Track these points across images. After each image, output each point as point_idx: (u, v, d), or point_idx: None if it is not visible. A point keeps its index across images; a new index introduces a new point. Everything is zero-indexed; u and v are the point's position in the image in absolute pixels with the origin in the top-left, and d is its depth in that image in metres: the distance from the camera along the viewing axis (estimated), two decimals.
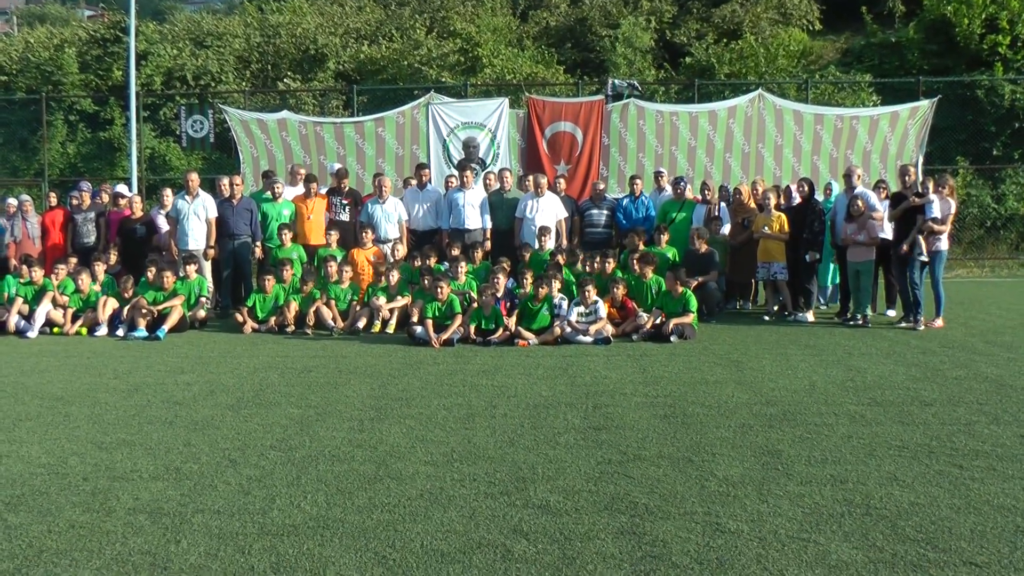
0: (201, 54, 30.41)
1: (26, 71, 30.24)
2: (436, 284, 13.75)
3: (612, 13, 31.95)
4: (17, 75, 30.37)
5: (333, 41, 31.28)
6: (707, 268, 15.34)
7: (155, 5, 50.50)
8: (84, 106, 29.22)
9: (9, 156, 29.16)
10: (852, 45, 31.45)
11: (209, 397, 9.81)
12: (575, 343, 13.02)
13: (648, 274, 14.41)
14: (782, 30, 30.64)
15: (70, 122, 29.16)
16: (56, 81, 29.60)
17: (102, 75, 30.06)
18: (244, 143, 20.88)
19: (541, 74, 28.25)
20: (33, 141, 28.81)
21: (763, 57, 28.12)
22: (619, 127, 19.86)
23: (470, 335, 13.43)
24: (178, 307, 14.87)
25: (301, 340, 13.97)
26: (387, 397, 9.67)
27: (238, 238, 16.40)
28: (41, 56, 30.33)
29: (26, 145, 29.24)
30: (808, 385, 9.98)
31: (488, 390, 9.96)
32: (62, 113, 29.10)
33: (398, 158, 20.36)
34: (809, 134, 19.65)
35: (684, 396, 9.47)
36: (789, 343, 12.90)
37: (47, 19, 56.72)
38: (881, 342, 12.88)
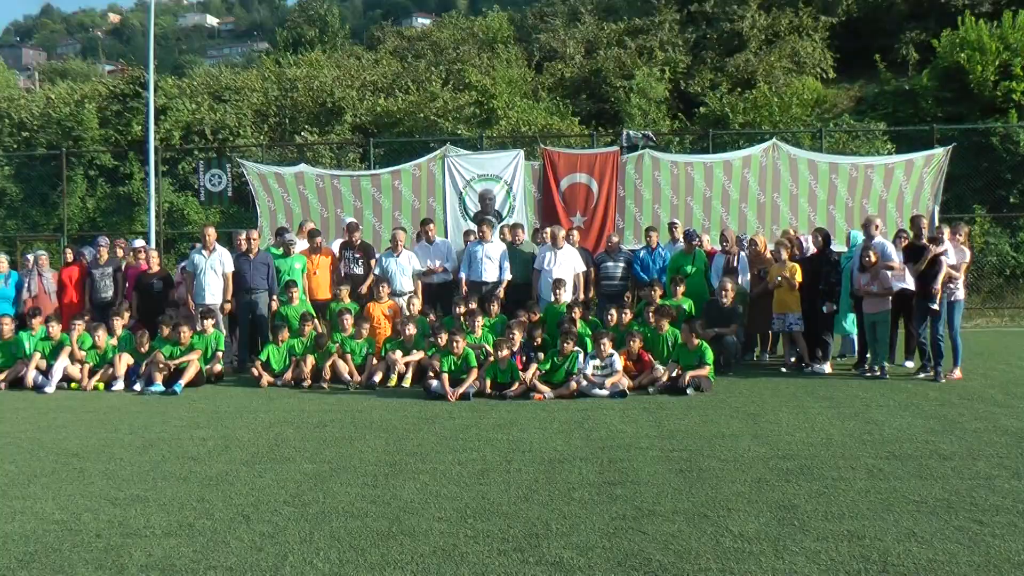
0: (219, 108, 30.74)
1: (47, 127, 30.61)
2: (452, 338, 13.76)
3: (626, 64, 32.21)
4: (38, 131, 30.75)
5: (350, 94, 31.60)
6: (728, 320, 15.30)
7: (174, 60, 51.27)
8: (104, 161, 29.53)
9: (29, 211, 29.44)
10: (866, 93, 31.59)
11: (224, 452, 9.80)
12: (591, 396, 12.96)
13: (664, 327, 14.38)
14: (796, 79, 30.79)
15: (90, 177, 29.45)
16: (76, 136, 29.93)
17: (121, 130, 30.39)
18: (262, 196, 21.01)
19: (556, 126, 28.39)
20: (53, 196, 29.10)
21: (777, 106, 28.25)
22: (634, 178, 19.91)
23: (486, 389, 13.40)
24: (195, 362, 14.92)
25: (317, 394, 13.98)
26: (402, 452, 9.64)
27: (255, 292, 16.44)
28: (62, 112, 30.69)
29: (46, 200, 29.53)
30: (825, 438, 9.90)
31: (503, 444, 9.92)
32: (82, 168, 29.40)
33: (414, 210, 20.44)
34: (824, 183, 19.66)
35: (700, 450, 9.40)
36: (806, 395, 12.83)
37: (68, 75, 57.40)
38: (899, 394, 12.79)
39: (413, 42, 41.51)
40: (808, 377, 14.63)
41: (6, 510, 7.67)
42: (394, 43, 42.28)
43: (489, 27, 39.84)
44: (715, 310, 15.40)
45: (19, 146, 30.72)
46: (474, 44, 37.80)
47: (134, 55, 56.30)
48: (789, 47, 32.42)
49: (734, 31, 33.39)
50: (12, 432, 11.31)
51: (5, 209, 29.63)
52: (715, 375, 13.83)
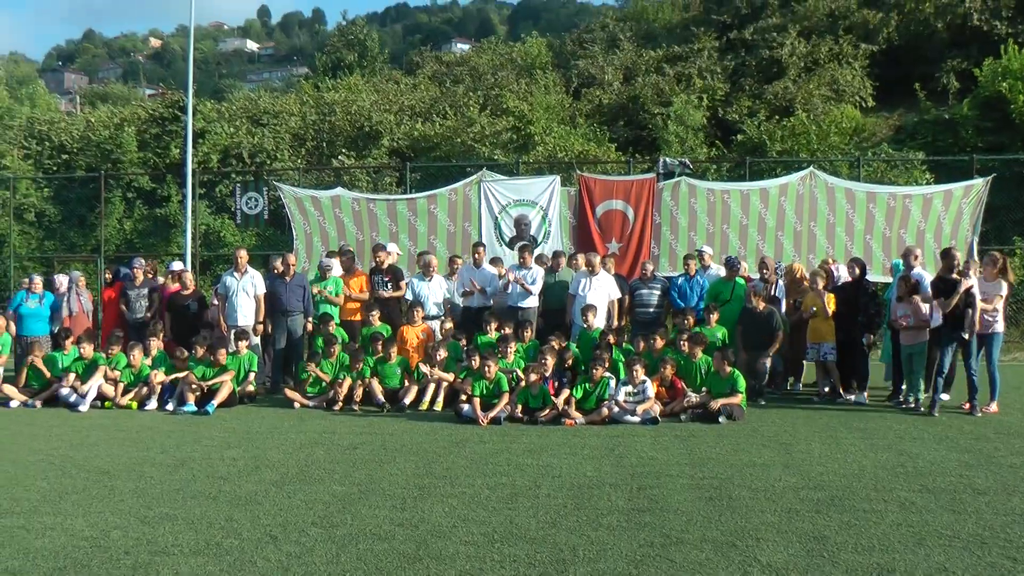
0: (257, 132, 31.01)
1: (86, 149, 31.01)
2: (484, 363, 13.80)
3: (664, 91, 32.24)
4: (78, 153, 31.14)
5: (388, 118, 31.78)
6: (769, 328, 15.14)
7: (214, 84, 51.80)
8: (142, 183, 29.85)
9: (67, 232, 29.76)
10: (905, 122, 31.43)
11: (254, 472, 9.86)
12: (622, 423, 12.93)
13: (697, 354, 14.35)
14: (834, 107, 30.68)
15: (127, 199, 29.77)
16: (115, 159, 30.30)
17: (160, 153, 30.72)
18: (298, 220, 21.16)
19: (593, 152, 28.43)
20: (91, 218, 29.42)
21: (815, 134, 28.16)
22: (670, 205, 19.90)
23: (517, 413, 13.41)
24: (228, 383, 15.01)
25: (348, 416, 14.03)
26: (431, 475, 9.66)
27: (291, 315, 16.59)
28: (101, 135, 31.07)
29: (84, 222, 29.86)
30: (857, 469, 9.84)
31: (533, 469, 9.92)
32: (120, 190, 29.73)
33: (450, 235, 20.52)
34: (862, 213, 19.56)
35: (730, 478, 9.37)
36: (839, 425, 12.74)
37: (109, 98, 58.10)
38: (934, 426, 12.68)
39: (452, 67, 41.76)
40: (841, 407, 14.53)
41: (37, 526, 7.75)
42: (433, 68, 42.56)
43: (527, 53, 40.02)
44: (749, 317, 15.32)
45: (59, 168, 31.10)
46: (512, 70, 37.97)
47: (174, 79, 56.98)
48: (828, 75, 32.33)
49: (773, 58, 33.36)
50: (45, 449, 11.43)
51: (44, 230, 29.98)
52: (747, 402, 13.77)
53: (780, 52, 33.22)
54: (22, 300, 17.31)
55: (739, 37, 34.93)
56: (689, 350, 14.46)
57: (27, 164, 31.05)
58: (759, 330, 15.16)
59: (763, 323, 15.19)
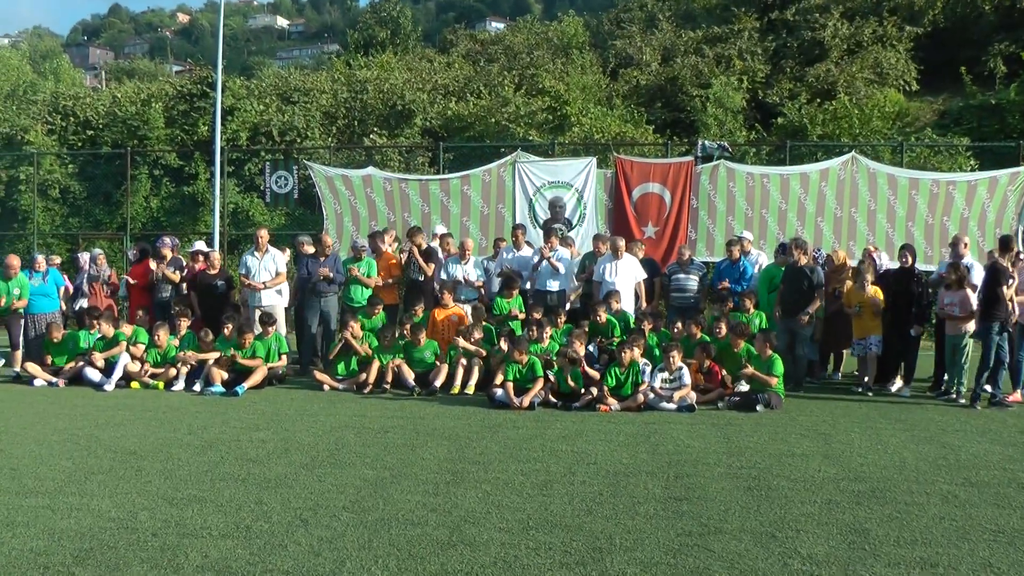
0: (288, 110, 31.04)
1: (112, 125, 31.10)
2: (515, 349, 13.80)
3: (703, 73, 32.09)
4: (104, 129, 31.25)
5: (420, 97, 31.75)
6: (808, 283, 14.97)
7: (243, 61, 51.81)
8: (169, 161, 29.91)
9: (93, 209, 29.91)
10: (950, 107, 31.18)
11: (283, 455, 9.90)
12: (658, 410, 12.91)
13: (739, 344, 14.27)
14: (877, 90, 30.49)
15: (154, 176, 29.85)
16: (142, 136, 30.38)
17: (188, 130, 30.81)
18: (328, 199, 21.24)
19: (630, 134, 28.37)
20: (117, 195, 29.56)
21: (857, 118, 27.98)
22: (708, 189, 19.86)
23: (551, 399, 13.40)
24: (261, 368, 15.07)
25: (379, 400, 14.06)
26: (464, 460, 9.68)
27: (323, 296, 16.56)
28: (128, 111, 31.16)
29: (110, 199, 29.99)
30: (899, 461, 9.78)
31: (567, 456, 9.93)
32: (147, 167, 29.82)
33: (483, 217, 20.54)
34: (904, 199, 19.46)
35: (769, 468, 9.34)
36: (879, 417, 12.67)
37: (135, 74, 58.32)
38: (977, 419, 12.60)
39: (486, 46, 41.70)
40: (882, 398, 14.44)
41: (63, 506, 7.81)
42: (467, 47, 42.52)
43: (564, 32, 39.91)
44: (790, 274, 15.19)
45: (84, 144, 31.20)
46: (548, 49, 37.88)
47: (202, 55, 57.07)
48: (872, 57, 32.12)
49: (815, 40, 33.16)
50: (70, 429, 11.52)
51: (68, 207, 30.13)
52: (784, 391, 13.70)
53: (822, 33, 33.01)
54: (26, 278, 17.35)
55: (780, 18, 34.70)
56: (731, 342, 14.39)
57: (51, 140, 31.15)
58: (797, 285, 14.99)
59: (803, 278, 15.01)
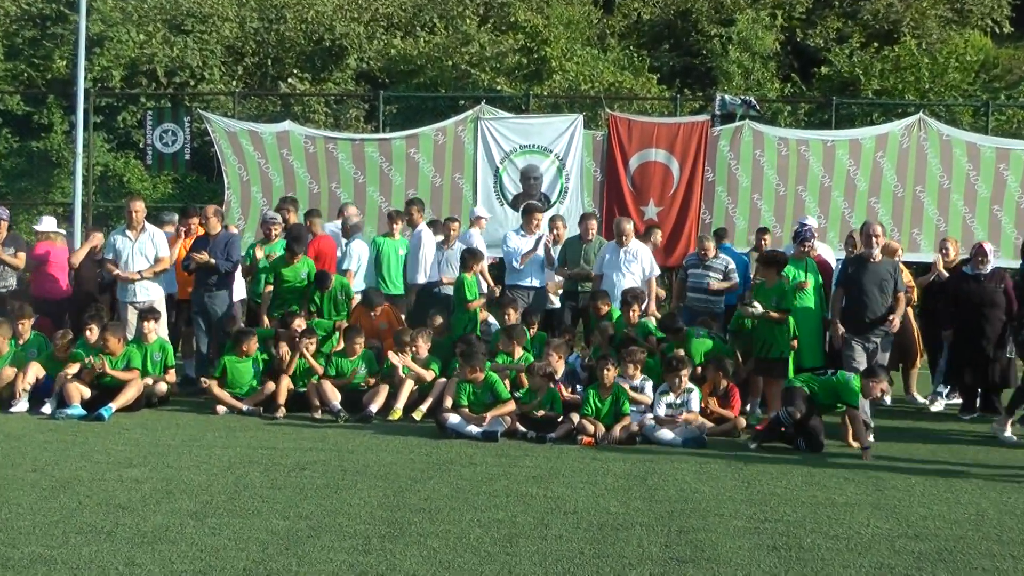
0: (178, 42, 30.61)
1: None
2: (467, 365, 13.73)
3: (725, 5, 31.96)
4: None
5: (355, 30, 31.50)
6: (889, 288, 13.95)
7: None
8: (11, 105, 29.07)
9: None
10: None
11: (165, 500, 9.84)
12: (658, 443, 12.96)
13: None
14: (956, 33, 30.55)
15: None
16: None
17: (38, 65, 30.10)
18: (231, 163, 21.11)
19: (628, 84, 28.32)
20: None
21: (927, 69, 27.99)
22: (728, 158, 19.90)
23: (519, 428, 13.40)
24: (137, 381, 14.83)
25: (295, 427, 13.99)
26: (404, 507, 9.69)
27: (213, 288, 16.25)
28: None
29: None
30: (974, 514, 9.85)
31: (539, 502, 9.96)
32: None
33: (434, 189, 20.47)
34: (988, 175, 19.53)
35: (801, 521, 9.39)
36: (948, 454, 12.77)
37: None
38: None
39: None
40: (956, 433, 14.49)
41: None
42: None
43: None
44: (857, 272, 14.10)
45: None
46: None
47: None
48: None
49: None
50: None
51: None
52: None
53: None
54: None
55: None
56: None
57: None
58: (871, 292, 13.92)
59: (882, 280, 13.93)
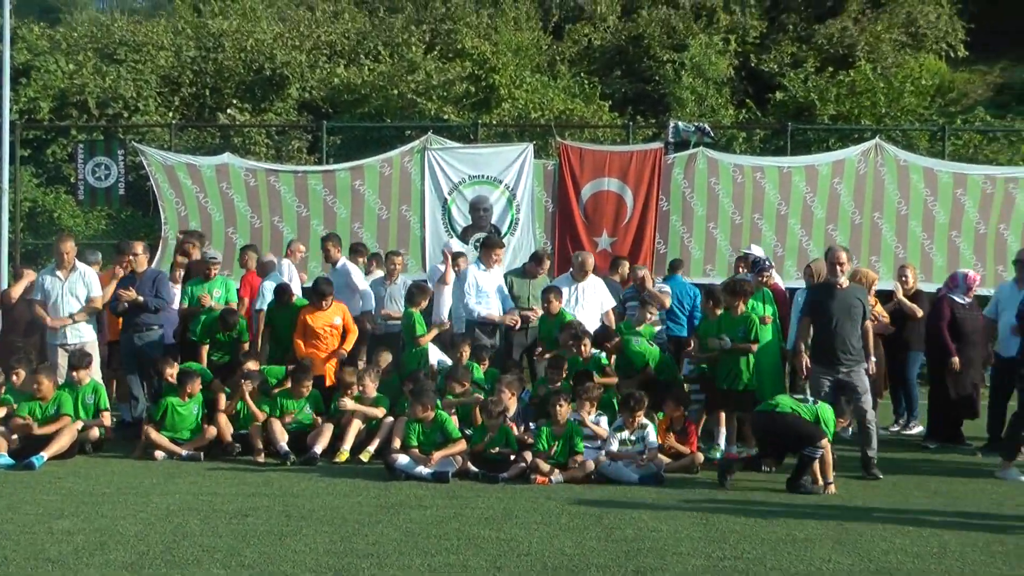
0: (110, 72, 30.45)
1: None
2: (417, 403, 13.67)
3: (677, 30, 32.20)
4: None
5: (297, 59, 31.48)
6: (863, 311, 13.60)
7: (43, 0, 50.08)
8: None
9: None
10: (1011, 79, 31.60)
11: (98, 552, 9.72)
12: (615, 481, 12.97)
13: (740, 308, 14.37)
14: (911, 57, 30.83)
15: None
16: None
17: None
18: (168, 197, 21.04)
19: (579, 112, 28.42)
20: None
21: (883, 93, 28.23)
22: (683, 186, 20.00)
23: (471, 468, 13.36)
24: (70, 428, 14.60)
25: (237, 472, 13.89)
26: (352, 553, 9.65)
27: (140, 330, 16.08)
28: None
29: None
30: (937, 547, 9.91)
31: (492, 545, 9.95)
32: None
33: (381, 221, 20.47)
34: (946, 200, 19.70)
35: (761, 559, 9.42)
36: (913, 487, 12.83)
37: None
38: None
39: None
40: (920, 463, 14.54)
41: None
42: None
43: None
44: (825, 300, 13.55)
45: None
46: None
47: None
48: (904, 12, 32.48)
49: None
50: None
51: None
52: None
53: None
54: None
55: None
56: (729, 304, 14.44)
57: None
58: (840, 321, 13.38)
59: (850, 307, 13.42)
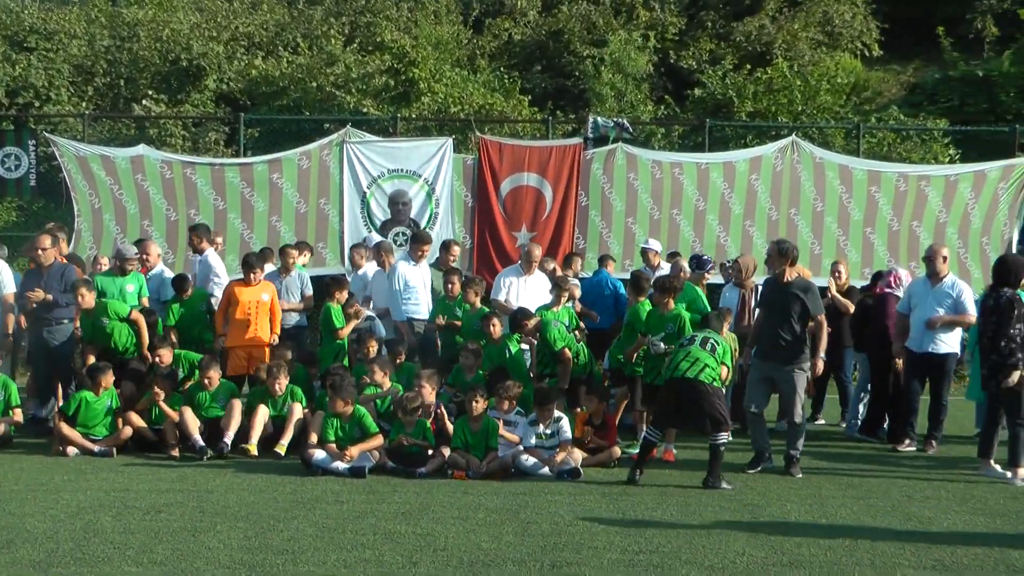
0: (20, 60, 30.14)
1: None
2: (336, 397, 13.58)
3: (597, 26, 32.17)
4: None
5: (214, 50, 31.23)
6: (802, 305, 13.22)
7: None
8: None
9: None
10: (923, 79, 31.84)
11: (5, 550, 9.60)
12: (531, 475, 12.98)
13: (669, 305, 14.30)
14: (827, 55, 31.02)
15: None
16: None
17: None
18: (81, 189, 20.84)
19: (499, 106, 28.38)
20: None
21: (800, 91, 28.34)
22: (602, 181, 20.05)
23: (387, 462, 13.32)
24: None
25: (151, 467, 13.73)
26: (267, 549, 9.60)
27: (49, 324, 15.75)
28: None
29: None
30: (849, 540, 9.98)
31: (408, 539, 9.92)
32: None
33: (299, 216, 20.40)
34: (861, 198, 19.88)
35: (676, 552, 9.44)
36: (826, 481, 12.93)
37: None
38: (953, 482, 12.93)
39: None
40: (826, 459, 14.60)
41: None
42: None
43: None
44: (772, 295, 13.53)
45: None
46: None
47: None
48: (820, 11, 32.66)
49: None
50: None
51: None
52: None
53: None
54: None
55: None
56: None
57: None
58: (784, 313, 13.30)
59: (792, 301, 13.21)
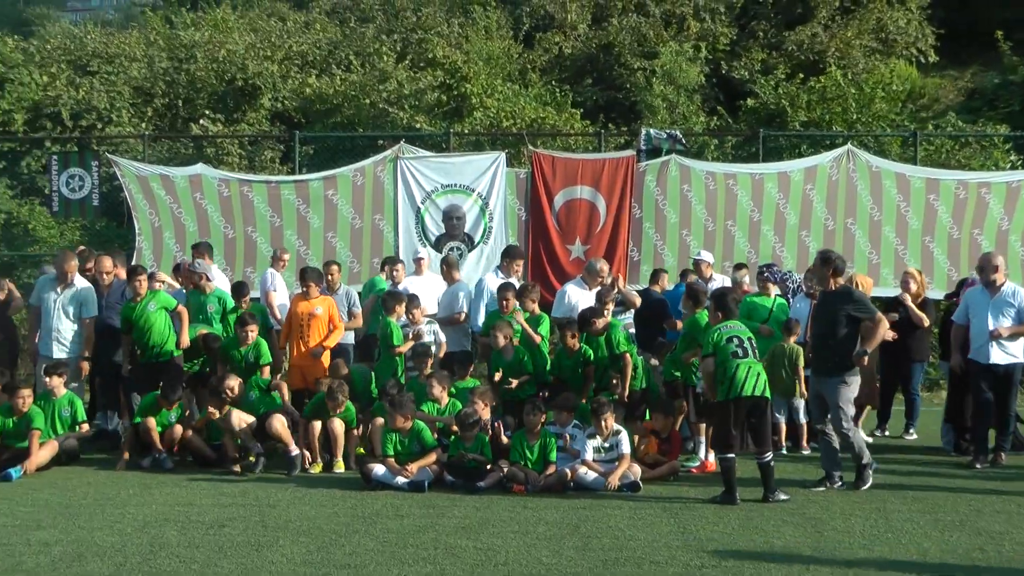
0: (84, 83, 30.36)
1: None
2: (395, 413, 13.63)
3: (648, 38, 32.11)
4: None
5: (269, 69, 31.40)
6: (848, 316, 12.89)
7: (18, 13, 49.56)
8: None
9: None
10: (981, 84, 31.59)
11: (76, 563, 9.70)
12: (591, 489, 12.94)
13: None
14: (881, 63, 30.82)
15: None
16: None
17: None
18: (142, 208, 20.94)
19: (551, 120, 28.35)
20: None
21: (854, 100, 28.20)
22: (655, 193, 19.99)
23: (447, 477, 13.34)
24: (50, 443, 14.54)
25: (213, 482, 13.81)
26: (329, 563, 9.63)
27: (109, 339, 16.15)
28: None
29: None
30: (917, 554, 9.91)
31: (469, 554, 9.93)
32: None
33: (354, 231, 20.42)
34: (919, 206, 19.72)
35: (739, 568, 9.40)
36: (890, 495, 12.76)
37: None
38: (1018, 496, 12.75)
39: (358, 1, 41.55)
40: (892, 470, 14.38)
41: None
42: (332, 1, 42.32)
43: None
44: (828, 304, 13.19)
45: None
46: (441, 6, 37.83)
47: None
48: (874, 18, 32.46)
49: None
50: None
51: None
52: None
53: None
54: None
55: None
56: None
57: None
58: (832, 325, 12.99)
59: (840, 310, 12.91)
